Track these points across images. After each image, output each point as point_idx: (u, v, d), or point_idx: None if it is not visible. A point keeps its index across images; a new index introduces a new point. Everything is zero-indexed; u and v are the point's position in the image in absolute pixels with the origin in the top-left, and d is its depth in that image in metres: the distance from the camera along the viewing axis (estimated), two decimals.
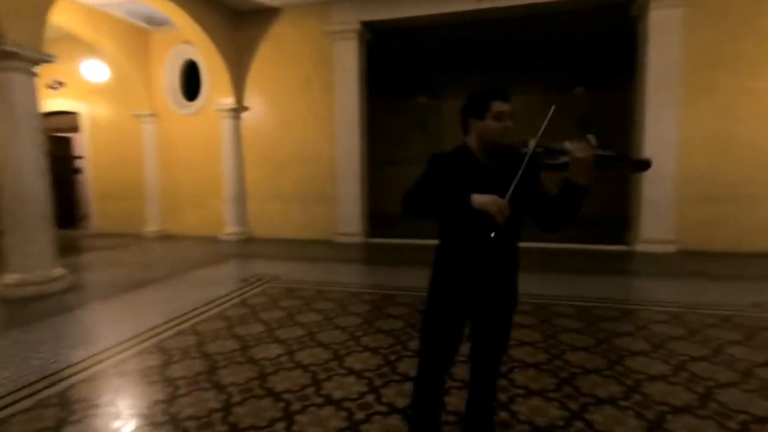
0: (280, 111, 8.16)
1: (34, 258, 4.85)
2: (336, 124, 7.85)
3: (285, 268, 5.92)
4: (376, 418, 2.38)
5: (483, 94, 1.76)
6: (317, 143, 7.99)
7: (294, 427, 2.31)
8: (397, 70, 10.47)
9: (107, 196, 9.36)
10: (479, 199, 1.61)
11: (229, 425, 2.34)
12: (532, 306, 4.13)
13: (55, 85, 8.99)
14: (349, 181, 7.86)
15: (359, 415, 2.41)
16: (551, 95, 9.31)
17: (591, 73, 9.85)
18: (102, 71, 8.65)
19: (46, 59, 4.91)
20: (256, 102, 8.27)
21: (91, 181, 9.51)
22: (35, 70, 4.85)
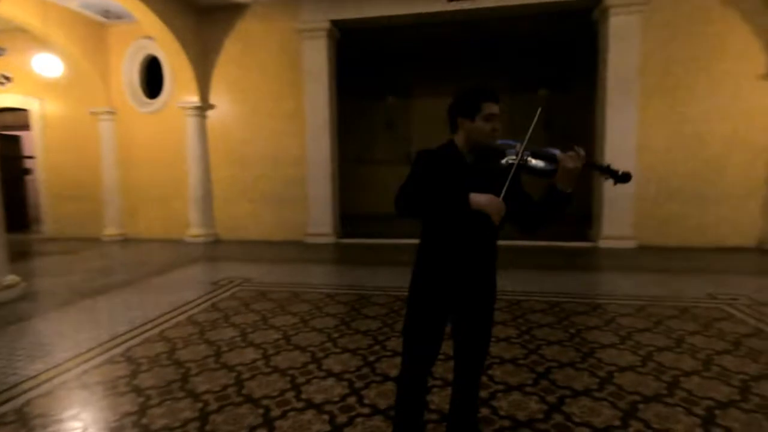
0: (248, 109, 7.97)
1: None
2: (306, 123, 7.74)
3: (256, 271, 5.78)
4: (359, 421, 2.36)
5: (475, 95, 1.75)
6: (287, 142, 7.85)
7: None
8: (367, 69, 10.44)
9: (61, 197, 8.85)
10: (477, 199, 1.62)
11: None
12: (506, 302, 4.21)
13: (1, 80, 8.42)
14: (320, 180, 7.78)
15: (341, 418, 2.38)
16: (516, 97, 9.52)
17: (554, 75, 10.15)
18: (55, 66, 8.16)
19: None
20: (222, 100, 8.04)
21: (43, 182, 8.96)
22: None
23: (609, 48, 6.78)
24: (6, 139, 9.23)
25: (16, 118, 8.92)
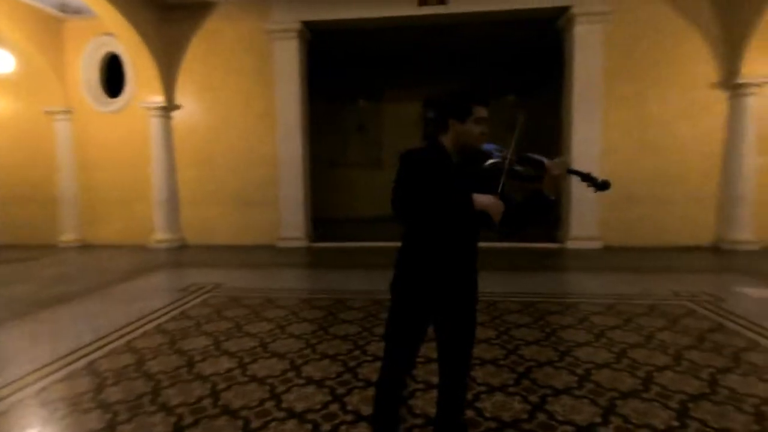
0: (217, 110, 7.75)
1: None
2: (277, 124, 7.60)
3: (227, 276, 5.60)
4: (343, 429, 2.30)
5: (467, 98, 1.76)
6: (257, 144, 7.68)
7: None
8: (339, 71, 10.38)
9: (12, 202, 8.31)
10: (480, 200, 1.64)
11: None
12: (483, 304, 4.23)
13: None
14: (291, 182, 7.64)
15: (325, 427, 2.32)
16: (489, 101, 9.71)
17: (522, 80, 10.41)
18: (6, 61, 7.68)
19: None
20: (189, 100, 7.78)
21: None
22: None
23: (574, 56, 7.02)
24: None
25: None
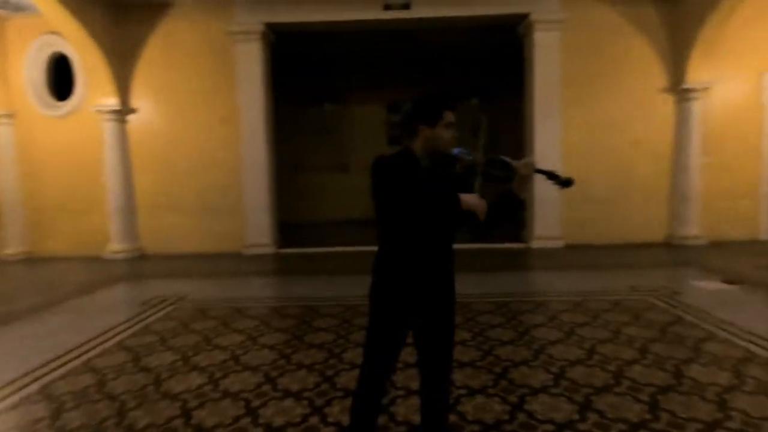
0: (176, 114, 7.44)
1: None
2: (240, 128, 7.39)
3: (191, 287, 5.38)
4: None
5: (436, 102, 1.78)
6: (220, 149, 7.44)
7: None
8: (304, 74, 10.25)
9: None
10: (467, 199, 1.66)
11: None
12: (456, 305, 4.27)
13: None
14: (256, 188, 7.45)
15: None
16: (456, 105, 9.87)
17: (485, 84, 10.64)
18: None
19: None
20: (146, 103, 7.43)
21: None
22: None
23: (534, 61, 7.24)
24: None
25: None
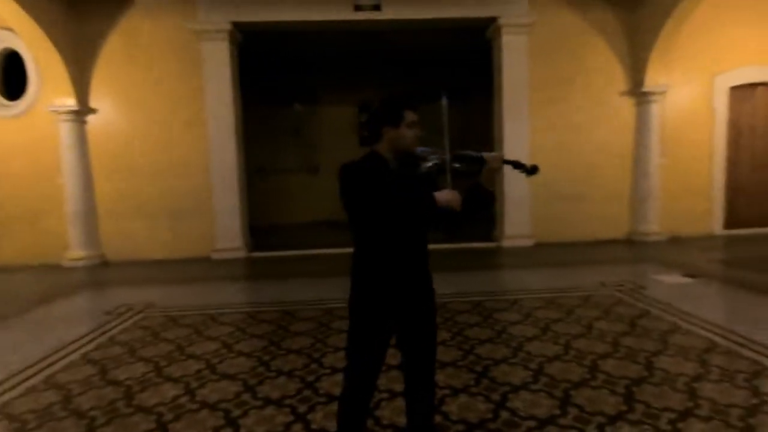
0: (140, 115, 7.14)
1: None
2: (208, 129, 7.18)
3: (160, 294, 5.17)
4: None
5: (397, 103, 1.80)
6: (187, 151, 7.19)
7: None
8: (273, 74, 10.07)
9: None
10: (441, 196, 1.67)
11: None
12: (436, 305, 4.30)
13: None
14: (226, 191, 7.26)
15: None
16: (420, 105, 9.93)
17: (454, 85, 10.78)
18: None
19: None
20: (106, 103, 7.10)
21: None
22: None
23: (503, 63, 7.40)
24: None
25: None
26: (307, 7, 7.08)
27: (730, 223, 7.83)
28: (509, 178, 7.46)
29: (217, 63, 7.12)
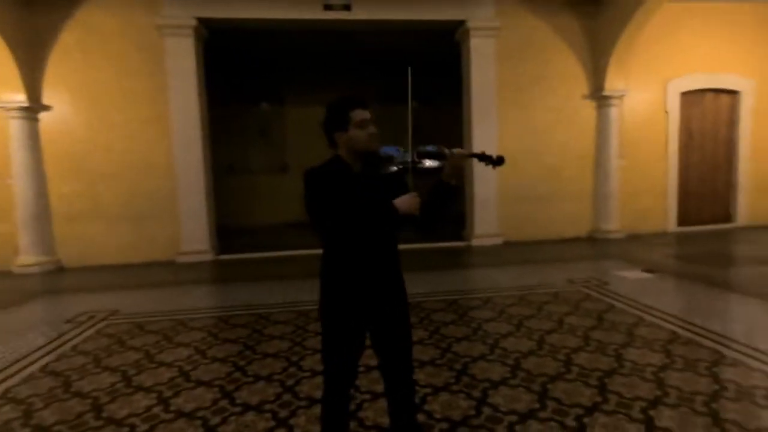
0: (97, 112, 6.80)
1: None
2: (172, 129, 6.93)
3: (124, 300, 4.94)
4: None
5: (341, 105, 1.76)
6: (150, 151, 6.91)
7: None
8: (239, 73, 9.83)
9: None
10: (400, 204, 1.67)
11: None
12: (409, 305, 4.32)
13: None
14: (192, 192, 7.02)
15: None
16: (389, 107, 9.96)
17: (424, 88, 10.89)
18: None
19: None
20: (60, 100, 6.72)
21: None
22: None
23: (471, 66, 7.55)
24: None
25: None
26: (275, 5, 6.97)
27: (682, 221, 8.32)
28: (478, 178, 7.63)
29: (181, 60, 6.89)
